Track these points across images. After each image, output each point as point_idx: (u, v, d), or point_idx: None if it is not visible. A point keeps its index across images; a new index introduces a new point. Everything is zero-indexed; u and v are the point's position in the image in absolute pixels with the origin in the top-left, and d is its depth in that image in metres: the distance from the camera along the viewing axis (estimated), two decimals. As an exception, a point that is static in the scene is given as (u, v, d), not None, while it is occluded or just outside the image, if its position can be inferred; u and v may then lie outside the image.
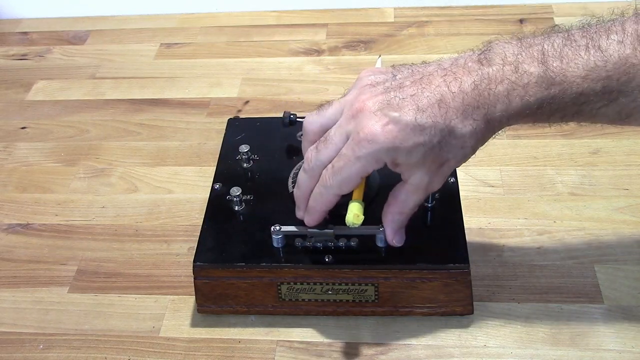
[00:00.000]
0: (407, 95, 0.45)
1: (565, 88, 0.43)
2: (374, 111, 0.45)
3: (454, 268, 0.52)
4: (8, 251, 0.64)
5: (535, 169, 0.67)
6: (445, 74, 0.45)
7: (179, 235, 0.64)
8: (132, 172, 0.72)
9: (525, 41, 0.45)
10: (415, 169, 0.46)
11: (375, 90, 0.46)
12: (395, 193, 0.49)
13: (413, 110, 0.44)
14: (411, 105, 0.44)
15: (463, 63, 0.45)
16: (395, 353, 0.53)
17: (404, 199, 0.49)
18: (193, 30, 0.95)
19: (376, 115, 0.44)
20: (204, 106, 0.80)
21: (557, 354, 0.52)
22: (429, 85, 0.45)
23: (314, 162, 0.49)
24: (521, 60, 0.43)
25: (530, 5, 0.93)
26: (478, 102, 0.44)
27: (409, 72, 0.47)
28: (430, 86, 0.44)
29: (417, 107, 0.44)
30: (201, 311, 0.56)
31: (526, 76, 0.43)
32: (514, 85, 0.43)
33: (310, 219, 0.52)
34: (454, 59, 0.46)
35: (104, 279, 0.61)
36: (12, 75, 0.89)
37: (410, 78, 0.46)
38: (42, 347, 0.56)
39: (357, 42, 0.89)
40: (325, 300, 0.54)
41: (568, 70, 0.43)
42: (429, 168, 0.46)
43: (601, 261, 0.58)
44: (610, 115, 0.44)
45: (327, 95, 0.80)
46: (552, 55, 0.43)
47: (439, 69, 0.45)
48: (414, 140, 0.44)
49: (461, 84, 0.44)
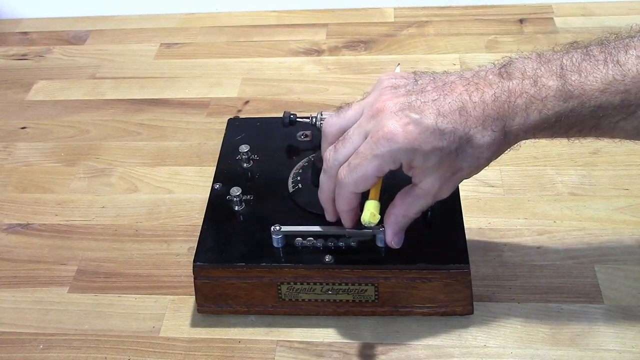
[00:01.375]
0: (429, 100, 0.45)
1: (583, 101, 0.43)
2: (395, 111, 0.45)
3: (454, 268, 0.52)
4: (8, 251, 0.64)
5: (535, 169, 0.67)
6: (467, 84, 0.45)
7: (179, 235, 0.64)
8: (132, 172, 0.72)
9: (544, 56, 0.45)
10: (429, 174, 0.46)
11: (396, 92, 0.47)
12: (403, 195, 0.49)
13: (434, 115, 0.44)
14: (433, 109, 0.44)
15: (484, 75, 0.46)
16: (395, 353, 0.53)
17: (410, 202, 0.49)
18: (193, 30, 0.95)
19: (397, 116, 0.45)
20: (204, 106, 0.80)
21: (557, 354, 0.52)
22: (451, 92, 0.45)
23: (332, 161, 0.49)
24: (540, 75, 0.44)
25: (530, 5, 0.93)
26: (498, 114, 0.44)
27: (431, 78, 0.47)
28: (453, 93, 0.45)
29: (439, 112, 0.44)
30: (201, 311, 0.56)
31: (545, 89, 0.43)
32: (533, 99, 0.44)
33: (344, 221, 0.52)
34: (475, 71, 0.47)
35: (104, 279, 0.61)
36: (12, 75, 0.89)
37: (432, 84, 0.46)
38: (42, 347, 0.56)
39: (357, 42, 0.89)
40: (325, 300, 0.54)
41: (586, 83, 0.43)
42: (442, 174, 0.46)
43: (601, 261, 0.58)
44: (628, 129, 0.45)
45: (327, 95, 0.80)
46: (571, 69, 0.43)
47: (461, 79, 0.46)
48: (432, 144, 0.44)
49: (482, 94, 0.44)
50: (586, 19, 0.89)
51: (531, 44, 0.85)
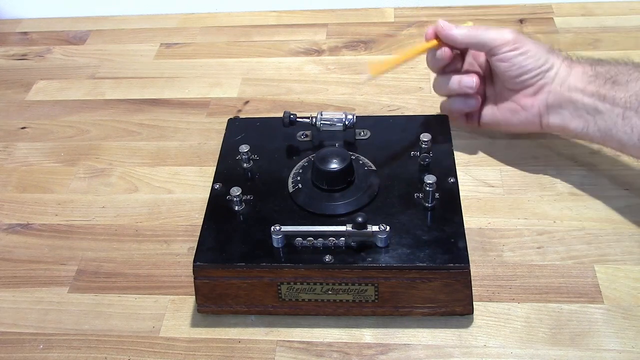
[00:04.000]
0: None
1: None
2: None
3: (454, 268, 0.52)
4: (8, 251, 0.64)
5: (535, 169, 0.67)
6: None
7: (179, 235, 0.64)
8: (132, 172, 0.72)
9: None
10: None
11: None
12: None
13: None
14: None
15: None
16: (395, 353, 0.53)
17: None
18: (193, 30, 0.95)
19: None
20: (204, 106, 0.80)
21: (557, 354, 0.52)
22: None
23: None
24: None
25: (530, 5, 0.93)
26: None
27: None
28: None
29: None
30: (201, 311, 0.56)
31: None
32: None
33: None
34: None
35: (104, 279, 0.61)
36: (12, 75, 0.89)
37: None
38: (42, 347, 0.56)
39: (357, 42, 0.89)
40: (325, 300, 0.54)
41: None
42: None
43: (601, 261, 0.58)
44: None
45: (327, 95, 0.80)
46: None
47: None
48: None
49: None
50: (586, 19, 0.89)
51: (531, 44, 0.85)
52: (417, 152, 0.61)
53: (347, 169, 0.57)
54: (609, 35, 0.85)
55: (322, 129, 0.64)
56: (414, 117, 0.69)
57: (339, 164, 0.56)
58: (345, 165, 0.57)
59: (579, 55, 0.62)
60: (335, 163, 0.56)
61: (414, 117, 0.68)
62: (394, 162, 0.61)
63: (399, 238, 0.54)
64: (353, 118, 0.64)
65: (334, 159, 0.57)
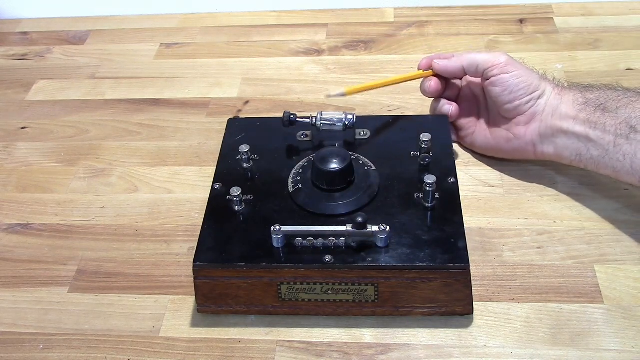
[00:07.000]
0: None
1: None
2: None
3: (454, 268, 0.52)
4: (8, 251, 0.64)
5: (535, 169, 0.67)
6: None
7: (179, 235, 0.64)
8: (132, 172, 0.72)
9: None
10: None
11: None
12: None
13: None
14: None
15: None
16: (395, 353, 0.53)
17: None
18: (193, 30, 0.95)
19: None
20: (204, 106, 0.80)
21: (557, 354, 0.52)
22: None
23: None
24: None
25: (530, 5, 0.93)
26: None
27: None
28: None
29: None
30: (201, 311, 0.56)
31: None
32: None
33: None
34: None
35: (104, 279, 0.61)
36: (12, 75, 0.89)
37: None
38: (42, 347, 0.56)
39: (357, 42, 0.89)
40: (325, 300, 0.54)
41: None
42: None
43: (601, 261, 0.58)
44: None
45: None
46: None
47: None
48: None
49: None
50: (586, 19, 0.89)
51: (531, 44, 0.85)
52: (417, 152, 0.62)
53: (347, 169, 0.57)
54: (609, 35, 0.85)
55: (322, 129, 0.64)
56: (414, 117, 0.69)
57: (339, 164, 0.56)
58: (345, 165, 0.57)
59: (569, 82, 0.63)
60: (335, 163, 0.56)
61: (414, 117, 0.68)
62: (394, 162, 0.61)
63: (399, 238, 0.54)
64: (353, 118, 0.64)
65: (334, 159, 0.57)
